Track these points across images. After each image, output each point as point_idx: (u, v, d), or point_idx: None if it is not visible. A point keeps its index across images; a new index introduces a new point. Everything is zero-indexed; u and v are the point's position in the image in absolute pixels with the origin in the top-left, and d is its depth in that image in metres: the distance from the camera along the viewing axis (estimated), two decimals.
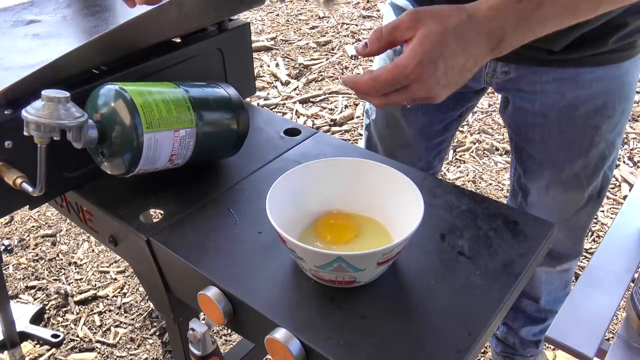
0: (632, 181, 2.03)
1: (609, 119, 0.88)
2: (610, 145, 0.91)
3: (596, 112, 0.87)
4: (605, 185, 0.97)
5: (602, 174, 0.95)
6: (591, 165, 0.92)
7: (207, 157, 0.80)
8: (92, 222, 0.79)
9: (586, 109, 0.86)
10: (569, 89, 0.85)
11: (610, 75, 0.85)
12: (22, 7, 0.99)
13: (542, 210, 0.99)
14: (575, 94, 0.85)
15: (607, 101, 0.86)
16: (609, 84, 0.85)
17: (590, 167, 0.92)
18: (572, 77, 0.84)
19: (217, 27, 0.90)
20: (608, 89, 0.85)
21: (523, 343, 1.32)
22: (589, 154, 0.90)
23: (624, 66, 0.84)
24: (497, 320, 0.59)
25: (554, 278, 1.18)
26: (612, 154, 0.93)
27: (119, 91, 0.67)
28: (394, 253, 0.58)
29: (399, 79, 0.59)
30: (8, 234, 1.90)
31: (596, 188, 0.96)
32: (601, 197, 0.99)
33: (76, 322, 1.59)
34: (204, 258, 0.65)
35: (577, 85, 0.85)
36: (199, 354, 0.66)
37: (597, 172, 0.94)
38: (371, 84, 0.60)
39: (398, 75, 0.58)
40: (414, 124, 1.02)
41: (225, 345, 1.52)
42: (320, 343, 0.55)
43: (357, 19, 3.30)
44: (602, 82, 0.85)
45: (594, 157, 0.91)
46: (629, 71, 0.86)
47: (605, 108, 0.87)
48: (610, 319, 0.85)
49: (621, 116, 0.89)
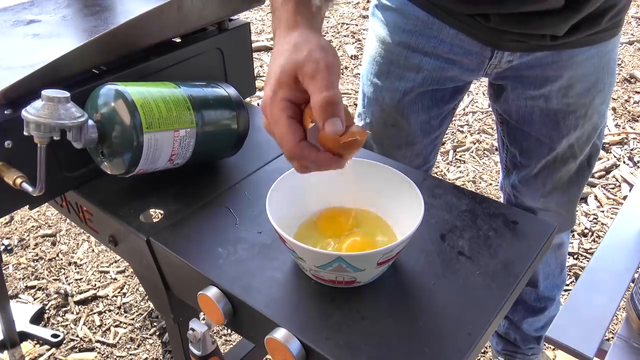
0: (632, 181, 2.03)
1: (600, 93, 0.94)
2: (601, 116, 0.97)
3: (590, 88, 0.92)
4: (595, 153, 1.02)
5: (592, 143, 1.00)
6: (584, 135, 0.97)
7: (207, 157, 0.80)
8: (92, 222, 0.79)
9: (581, 86, 0.91)
10: (566, 69, 0.89)
11: (600, 53, 0.90)
12: (22, 7, 0.99)
13: (537, 184, 1.04)
14: (572, 73, 0.90)
15: (598, 77, 0.92)
16: (599, 61, 0.91)
17: (584, 137, 0.97)
18: (569, 58, 0.88)
19: (217, 27, 0.90)
20: (598, 65, 0.91)
21: (524, 339, 1.33)
22: (583, 126, 0.95)
23: (610, 43, 0.90)
24: (497, 321, 0.59)
25: (549, 257, 1.21)
26: (602, 123, 0.99)
27: (119, 91, 0.67)
28: (394, 253, 0.58)
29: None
30: (8, 234, 1.90)
31: (586, 155, 1.01)
32: (591, 165, 1.04)
33: (76, 322, 1.59)
34: (204, 258, 0.65)
35: (573, 65, 0.89)
36: (199, 354, 0.66)
37: (588, 141, 0.99)
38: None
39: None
40: (414, 122, 1.02)
41: (225, 345, 1.52)
42: (320, 343, 0.55)
43: (357, 19, 3.30)
44: (594, 59, 0.90)
45: (587, 128, 0.96)
46: (614, 47, 0.92)
47: (597, 83, 0.92)
48: (610, 319, 0.85)
49: (610, 87, 0.96)
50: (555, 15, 0.80)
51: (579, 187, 1.06)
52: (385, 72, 0.98)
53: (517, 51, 0.89)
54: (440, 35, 0.90)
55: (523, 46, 0.87)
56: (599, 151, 1.03)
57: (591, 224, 1.88)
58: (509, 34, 0.85)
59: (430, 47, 0.92)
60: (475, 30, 0.87)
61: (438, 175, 2.08)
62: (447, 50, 0.91)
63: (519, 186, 1.06)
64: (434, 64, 0.93)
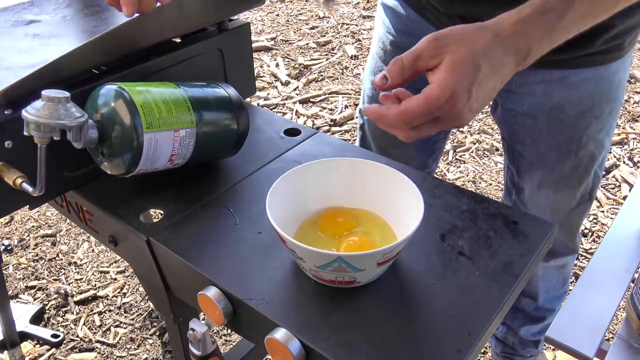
0: (632, 181, 2.03)
1: (596, 120, 0.88)
2: (599, 145, 0.92)
3: (584, 113, 0.87)
4: (596, 184, 0.98)
5: (593, 174, 0.96)
6: (581, 165, 0.93)
7: (207, 157, 0.80)
8: (92, 222, 0.79)
9: (574, 110, 0.87)
10: (556, 90, 0.85)
11: (597, 77, 0.84)
12: (22, 7, 0.98)
13: (535, 209, 1.01)
14: (563, 95, 0.86)
15: (594, 102, 0.86)
16: (596, 85, 0.85)
17: (581, 167, 0.93)
18: (560, 79, 0.84)
19: (217, 27, 0.90)
20: (595, 90, 0.85)
21: (522, 343, 1.32)
22: (578, 155, 0.91)
23: (611, 67, 0.84)
24: (497, 321, 0.59)
25: (551, 274, 1.18)
26: (602, 153, 0.94)
27: (119, 91, 0.67)
28: (394, 253, 0.58)
29: (432, 111, 0.55)
30: (8, 234, 1.90)
31: (587, 187, 0.97)
32: (592, 196, 1.00)
33: (76, 322, 1.59)
34: (204, 258, 0.65)
35: (564, 86, 0.85)
36: (199, 354, 0.66)
37: (587, 172, 0.94)
38: (400, 119, 0.56)
39: (430, 107, 0.54)
40: None
41: (225, 345, 1.52)
42: (320, 343, 0.55)
43: (357, 19, 3.30)
44: (590, 83, 0.85)
45: (583, 157, 0.92)
46: (616, 72, 0.86)
47: (593, 109, 0.87)
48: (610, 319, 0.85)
49: (609, 116, 0.90)
50: None
51: (580, 217, 1.03)
52: (380, 70, 0.99)
53: None
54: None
55: None
56: (600, 181, 0.98)
57: (591, 224, 1.88)
58: None
59: None
60: None
61: (438, 175, 2.08)
62: None
63: (520, 207, 1.04)
64: None
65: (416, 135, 0.58)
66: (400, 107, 0.56)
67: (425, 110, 0.55)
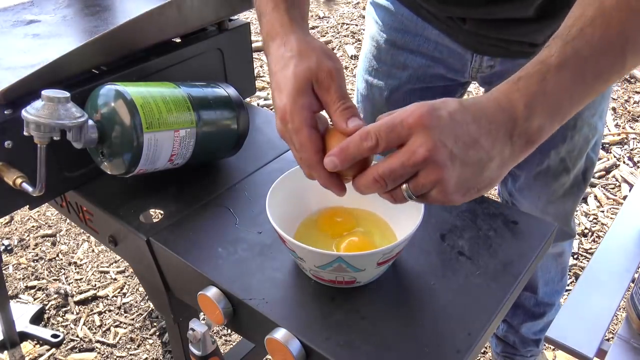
0: (632, 181, 2.03)
1: (590, 104, 0.89)
2: (592, 128, 0.94)
3: None
4: (590, 167, 1.00)
5: (586, 156, 0.98)
6: (576, 149, 0.95)
7: (207, 157, 0.80)
8: (92, 222, 0.79)
9: None
10: None
11: None
12: (22, 7, 0.98)
13: (530, 195, 1.02)
14: None
15: None
16: None
17: (575, 151, 0.95)
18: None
19: (217, 27, 0.90)
20: None
21: (523, 341, 1.32)
22: (573, 139, 0.93)
23: None
24: (497, 320, 0.59)
25: (549, 264, 1.19)
26: (595, 136, 0.97)
27: (119, 91, 0.67)
28: (394, 253, 0.58)
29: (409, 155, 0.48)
30: (8, 234, 1.90)
31: (580, 169, 0.99)
32: (586, 179, 1.02)
33: (76, 322, 1.59)
34: (204, 258, 0.65)
35: None
36: (199, 354, 0.66)
37: (581, 155, 0.97)
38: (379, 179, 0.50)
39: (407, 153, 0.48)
40: None
41: (225, 345, 1.52)
42: (320, 343, 0.55)
43: (357, 19, 3.30)
44: None
45: (578, 141, 0.94)
46: None
47: None
48: (610, 319, 0.85)
49: (602, 99, 0.92)
50: (531, 23, 0.79)
51: (575, 201, 1.05)
52: (374, 69, 0.99)
53: (497, 56, 0.88)
54: (425, 34, 0.90)
55: (502, 51, 0.86)
56: (594, 165, 1.00)
57: (591, 224, 1.88)
58: (487, 39, 0.84)
59: (415, 44, 0.92)
60: (456, 32, 0.87)
61: None
62: (432, 49, 0.91)
63: (515, 194, 1.05)
64: (420, 62, 0.94)
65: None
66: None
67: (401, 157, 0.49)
